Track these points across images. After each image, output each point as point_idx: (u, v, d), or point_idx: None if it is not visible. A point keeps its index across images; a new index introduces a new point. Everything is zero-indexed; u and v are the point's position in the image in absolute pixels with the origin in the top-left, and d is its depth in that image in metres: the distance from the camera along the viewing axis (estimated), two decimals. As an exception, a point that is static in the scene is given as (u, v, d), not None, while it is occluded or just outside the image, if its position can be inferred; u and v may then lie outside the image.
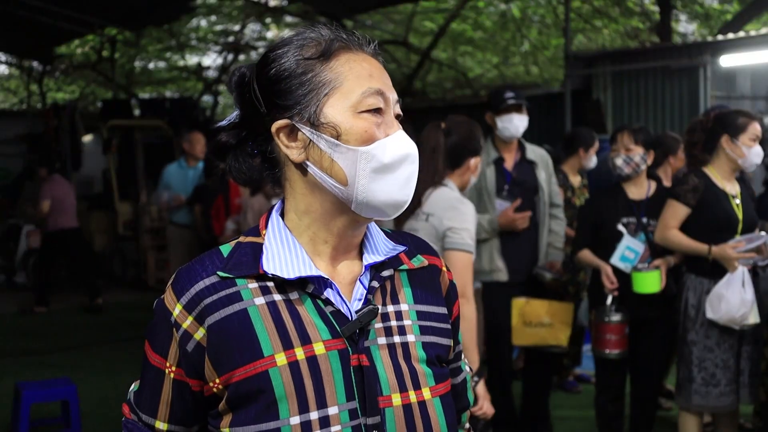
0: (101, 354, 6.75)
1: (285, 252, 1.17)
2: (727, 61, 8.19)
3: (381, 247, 1.23)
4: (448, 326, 1.28)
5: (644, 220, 3.83)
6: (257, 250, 1.18)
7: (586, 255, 3.94)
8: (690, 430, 3.68)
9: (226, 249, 1.20)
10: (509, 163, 4.21)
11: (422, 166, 2.81)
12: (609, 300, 3.78)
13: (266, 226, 1.21)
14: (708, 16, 13.31)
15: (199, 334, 1.14)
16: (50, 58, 15.15)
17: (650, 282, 3.67)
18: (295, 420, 1.10)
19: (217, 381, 1.14)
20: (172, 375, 1.18)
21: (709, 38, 10.05)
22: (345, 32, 1.19)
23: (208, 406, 1.18)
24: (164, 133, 11.43)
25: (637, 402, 3.97)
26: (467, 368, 1.42)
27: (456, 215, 2.80)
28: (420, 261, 1.28)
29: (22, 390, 4.24)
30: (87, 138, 11.80)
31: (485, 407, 2.74)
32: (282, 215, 1.22)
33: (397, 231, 1.33)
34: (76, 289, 10.04)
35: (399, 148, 1.15)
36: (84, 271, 8.90)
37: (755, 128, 3.55)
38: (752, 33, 8.63)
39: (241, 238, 1.21)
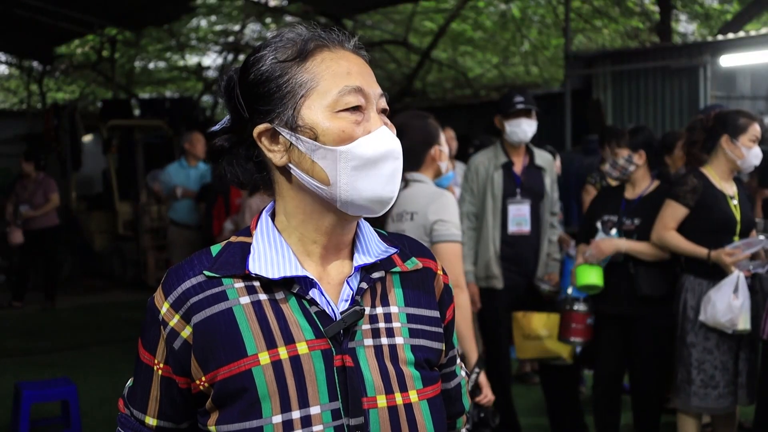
0: (101, 354, 6.75)
1: (272, 252, 1.17)
2: (727, 61, 8.20)
3: (373, 249, 1.22)
4: (440, 330, 1.26)
5: (624, 218, 3.83)
6: (246, 250, 1.18)
7: (582, 249, 3.99)
8: (690, 429, 3.67)
9: (215, 249, 1.21)
10: (518, 167, 4.20)
11: None
12: (571, 290, 3.84)
13: (256, 227, 1.21)
14: (708, 16, 13.32)
15: (186, 332, 1.15)
16: (50, 58, 15.15)
17: (585, 273, 3.72)
18: (278, 419, 1.11)
19: (203, 379, 1.14)
20: (160, 372, 1.19)
21: (709, 38, 10.06)
22: (323, 30, 1.18)
23: (196, 403, 1.19)
24: (164, 133, 11.43)
25: (637, 404, 3.96)
26: (462, 373, 1.40)
27: (439, 208, 2.81)
28: (413, 263, 1.26)
29: (23, 390, 4.24)
30: (87, 138, 11.80)
31: (489, 395, 2.80)
32: (273, 216, 1.23)
33: (393, 233, 1.31)
34: (76, 290, 10.05)
35: (380, 145, 1.14)
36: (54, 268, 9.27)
37: (755, 129, 3.54)
38: (752, 33, 8.63)
39: (233, 238, 1.22)
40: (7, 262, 10.74)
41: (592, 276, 3.73)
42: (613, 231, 3.81)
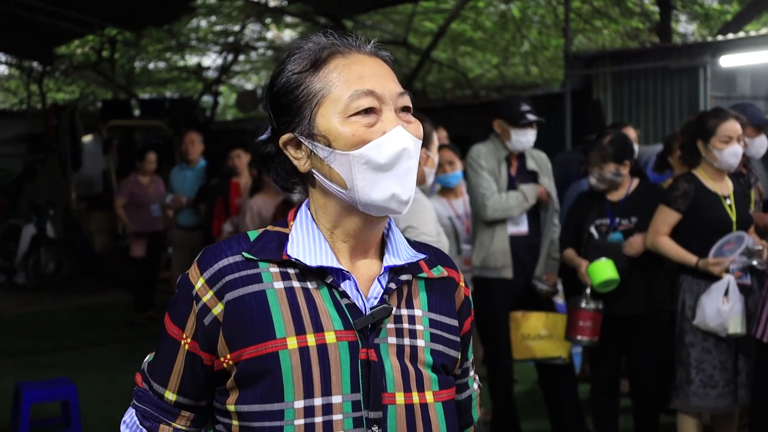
0: (101, 354, 6.75)
1: (309, 242, 1.21)
2: (727, 61, 8.19)
3: (402, 252, 1.26)
4: (458, 339, 1.30)
5: (616, 220, 3.85)
6: (283, 238, 1.22)
7: (570, 254, 3.99)
8: (690, 429, 3.67)
9: (253, 234, 1.25)
10: (513, 169, 4.23)
11: None
12: (588, 290, 3.81)
13: (294, 218, 1.25)
14: (708, 17, 13.31)
15: (217, 309, 1.17)
16: (50, 58, 15.13)
17: (600, 269, 3.70)
18: (299, 404, 1.13)
19: (228, 357, 1.17)
20: (186, 347, 1.21)
21: (709, 38, 10.05)
22: (339, 36, 1.22)
23: (217, 381, 1.21)
24: (164, 134, 11.43)
25: (637, 405, 3.96)
26: (475, 386, 1.43)
27: (409, 214, 2.80)
28: (439, 271, 1.30)
29: (23, 390, 4.24)
30: (87, 138, 11.80)
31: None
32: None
33: (419, 242, 1.35)
34: (75, 289, 10.05)
35: (392, 146, 1.16)
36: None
37: (726, 129, 3.51)
38: (752, 33, 8.63)
39: (269, 227, 1.27)
40: (8, 263, 10.73)
41: (607, 271, 3.70)
42: (613, 235, 3.83)
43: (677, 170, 4.57)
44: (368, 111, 1.16)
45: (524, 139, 4.12)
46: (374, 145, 1.15)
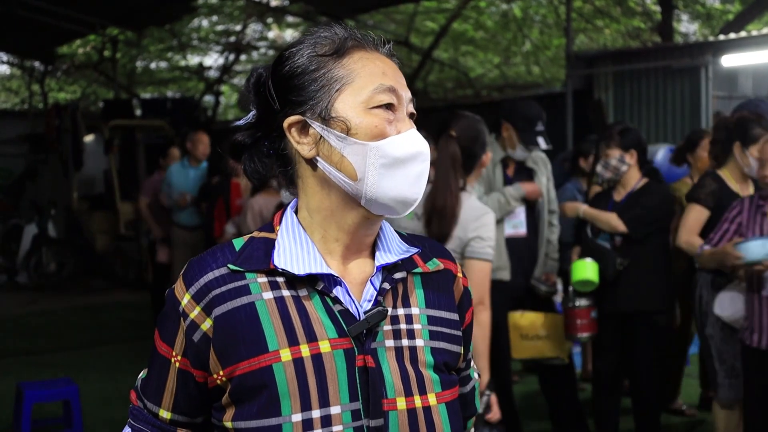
0: (103, 354, 6.76)
1: (297, 248, 1.16)
2: (729, 61, 8.19)
3: (394, 248, 1.22)
4: (459, 333, 1.26)
5: None
6: (269, 245, 1.18)
7: (574, 251, 4.07)
8: (721, 422, 3.65)
9: (238, 243, 1.20)
10: (510, 169, 4.22)
11: (447, 179, 2.87)
12: (571, 288, 3.87)
13: (280, 223, 1.21)
14: (710, 16, 13.31)
15: (206, 324, 1.14)
16: (52, 58, 15.15)
17: (579, 269, 3.76)
18: (297, 417, 1.10)
19: (221, 373, 1.14)
20: (177, 364, 1.18)
21: (711, 38, 10.05)
22: (359, 32, 1.20)
23: (212, 398, 1.18)
24: (165, 134, 11.44)
25: (637, 404, 3.96)
26: (476, 375, 1.40)
27: (480, 225, 2.87)
28: (435, 264, 1.26)
29: (24, 390, 4.24)
30: (88, 138, 11.81)
31: (498, 414, 2.91)
32: (296, 212, 1.22)
33: (413, 234, 1.31)
34: (77, 289, 10.07)
35: (410, 146, 1.15)
36: None
37: None
38: (754, 33, 8.62)
39: (255, 233, 1.21)
40: (10, 263, 10.74)
41: (587, 271, 3.74)
42: (602, 235, 3.85)
43: (695, 168, 4.56)
44: (388, 107, 1.15)
45: (526, 154, 4.14)
46: (393, 141, 1.14)
